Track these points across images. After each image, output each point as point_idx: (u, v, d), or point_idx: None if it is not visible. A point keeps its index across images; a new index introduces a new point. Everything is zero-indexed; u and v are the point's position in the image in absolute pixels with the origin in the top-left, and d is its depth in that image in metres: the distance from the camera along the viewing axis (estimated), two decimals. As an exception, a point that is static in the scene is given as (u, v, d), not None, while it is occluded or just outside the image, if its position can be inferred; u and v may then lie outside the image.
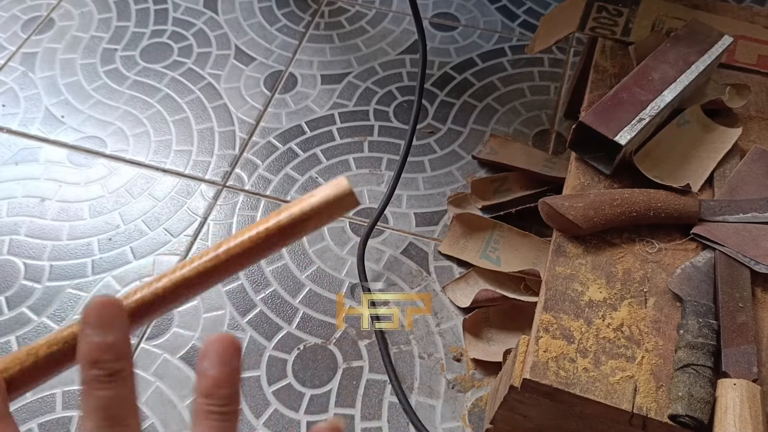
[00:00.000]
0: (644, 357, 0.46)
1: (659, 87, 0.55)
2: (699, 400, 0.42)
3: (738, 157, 0.57)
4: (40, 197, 0.82)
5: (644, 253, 0.51)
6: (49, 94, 0.92)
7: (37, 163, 0.85)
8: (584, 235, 0.52)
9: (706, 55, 0.58)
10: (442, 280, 0.74)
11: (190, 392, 0.67)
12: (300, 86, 0.93)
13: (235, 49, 0.97)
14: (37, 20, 1.01)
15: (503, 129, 0.88)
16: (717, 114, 0.60)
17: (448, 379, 0.68)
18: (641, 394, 0.45)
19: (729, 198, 0.53)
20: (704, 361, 0.44)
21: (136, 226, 0.79)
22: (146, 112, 0.91)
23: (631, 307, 0.49)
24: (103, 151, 0.86)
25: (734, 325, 0.46)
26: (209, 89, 0.93)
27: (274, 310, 0.72)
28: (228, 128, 0.89)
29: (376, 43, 0.98)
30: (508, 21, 1.01)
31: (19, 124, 0.89)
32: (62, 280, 0.75)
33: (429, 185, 0.83)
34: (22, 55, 0.96)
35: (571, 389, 0.45)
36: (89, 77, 0.94)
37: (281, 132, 0.88)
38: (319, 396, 0.66)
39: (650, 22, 0.67)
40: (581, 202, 0.52)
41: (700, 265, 0.50)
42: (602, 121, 0.53)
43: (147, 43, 0.98)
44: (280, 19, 1.02)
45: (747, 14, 0.69)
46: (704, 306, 0.47)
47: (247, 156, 0.86)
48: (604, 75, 0.63)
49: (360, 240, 0.76)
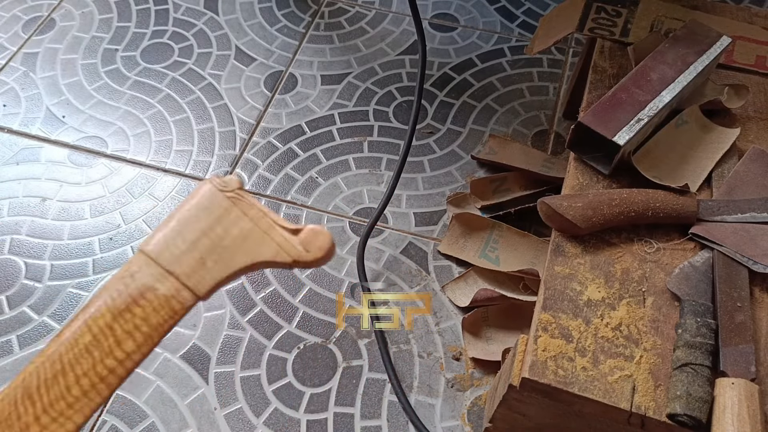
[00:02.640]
0: (642, 356, 0.46)
1: (658, 87, 0.56)
2: (697, 399, 0.42)
3: (736, 157, 0.57)
4: (41, 197, 0.82)
5: (643, 253, 0.52)
6: (50, 94, 0.92)
7: (38, 162, 0.85)
8: (583, 235, 0.53)
9: (704, 56, 0.58)
10: (442, 280, 0.75)
11: (190, 391, 0.67)
12: (300, 87, 0.93)
13: (235, 50, 0.98)
14: (38, 20, 1.01)
15: (502, 129, 0.88)
16: (715, 114, 0.60)
17: (447, 378, 0.68)
18: (640, 393, 0.45)
19: (727, 198, 0.54)
20: (702, 360, 0.44)
21: (137, 225, 0.80)
22: (147, 112, 0.91)
23: (630, 306, 0.49)
24: (104, 151, 0.87)
25: (732, 325, 0.46)
26: (210, 89, 0.93)
27: (274, 309, 0.73)
28: (228, 128, 0.89)
29: (376, 43, 0.99)
30: (507, 22, 1.02)
31: (20, 124, 0.89)
32: (63, 280, 0.75)
33: (428, 185, 0.83)
34: (23, 55, 0.97)
35: (570, 388, 0.45)
36: (90, 77, 0.94)
37: (281, 132, 0.89)
38: (319, 395, 0.67)
39: (649, 22, 0.68)
40: (580, 202, 0.52)
41: (698, 264, 0.50)
42: (601, 121, 0.54)
43: (148, 43, 0.98)
44: (281, 20, 1.02)
45: (745, 15, 0.69)
46: (702, 305, 0.47)
47: (247, 156, 0.86)
48: (603, 75, 0.64)
49: (360, 240, 0.76)
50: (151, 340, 0.25)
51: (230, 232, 0.27)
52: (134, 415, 0.65)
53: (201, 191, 0.29)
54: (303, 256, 0.27)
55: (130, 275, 0.26)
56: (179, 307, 0.26)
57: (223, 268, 0.27)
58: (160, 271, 0.26)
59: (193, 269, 0.26)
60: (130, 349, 0.25)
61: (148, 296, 0.26)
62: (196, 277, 0.26)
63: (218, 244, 0.27)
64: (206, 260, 0.26)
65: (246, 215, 0.27)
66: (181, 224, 0.27)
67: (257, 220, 0.27)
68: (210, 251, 0.27)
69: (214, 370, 0.68)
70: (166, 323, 0.26)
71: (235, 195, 0.28)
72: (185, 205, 0.28)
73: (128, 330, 0.25)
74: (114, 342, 0.25)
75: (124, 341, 0.25)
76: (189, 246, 0.27)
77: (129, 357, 0.25)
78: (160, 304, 0.26)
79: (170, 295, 0.26)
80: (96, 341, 0.25)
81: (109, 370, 0.25)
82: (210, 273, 0.26)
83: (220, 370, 0.68)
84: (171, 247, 0.27)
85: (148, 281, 0.26)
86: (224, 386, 0.67)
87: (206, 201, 0.28)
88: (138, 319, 0.25)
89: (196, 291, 0.26)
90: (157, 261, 0.26)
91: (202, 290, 0.26)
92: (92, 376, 0.24)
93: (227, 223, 0.27)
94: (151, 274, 0.26)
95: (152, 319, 0.25)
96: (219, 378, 0.68)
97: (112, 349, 0.25)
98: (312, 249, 0.27)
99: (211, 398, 0.66)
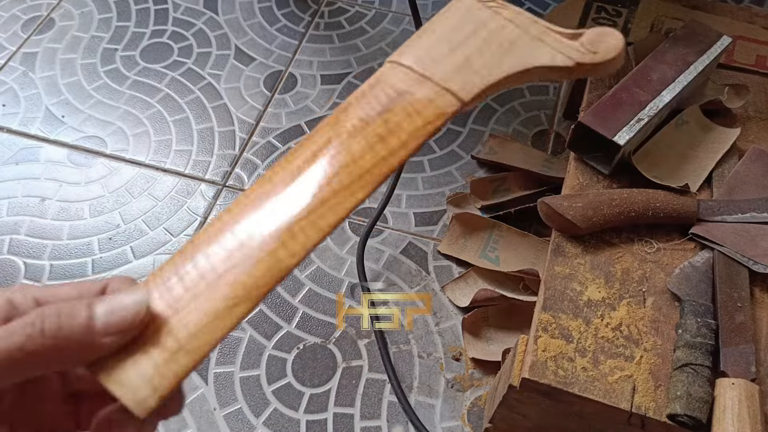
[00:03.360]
0: (643, 356, 0.46)
1: (658, 87, 0.56)
2: (697, 399, 0.42)
3: (736, 157, 0.57)
4: (40, 197, 0.82)
5: (643, 253, 0.52)
6: (49, 94, 0.92)
7: (37, 162, 0.85)
8: (583, 235, 0.52)
9: (704, 56, 0.58)
10: (442, 280, 0.75)
11: (190, 390, 0.67)
12: (300, 86, 0.93)
13: (235, 50, 0.97)
14: (37, 20, 1.01)
15: (502, 129, 0.88)
16: (716, 114, 0.60)
17: (447, 379, 0.68)
18: (640, 393, 0.45)
19: (727, 198, 0.53)
20: (703, 360, 0.44)
21: (137, 225, 0.80)
22: (146, 112, 0.91)
23: (630, 306, 0.49)
24: (104, 151, 0.87)
25: (732, 325, 0.46)
26: (209, 89, 0.93)
27: (274, 309, 0.73)
28: (228, 128, 0.89)
29: (376, 43, 0.99)
30: (508, 21, 1.01)
31: (20, 124, 0.89)
32: (62, 280, 0.75)
33: (428, 185, 0.83)
34: (23, 54, 0.96)
35: (570, 389, 0.45)
36: (89, 77, 0.94)
37: (281, 132, 0.88)
38: (319, 395, 0.67)
39: (649, 22, 0.68)
40: (580, 202, 0.52)
41: (698, 264, 0.50)
42: (601, 121, 0.53)
43: (147, 43, 0.98)
44: (280, 20, 1.02)
45: (746, 15, 0.69)
46: (703, 306, 0.47)
47: (247, 156, 0.86)
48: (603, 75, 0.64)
49: (359, 240, 0.76)
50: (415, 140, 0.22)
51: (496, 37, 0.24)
52: (133, 416, 0.65)
53: (456, 4, 0.25)
54: (589, 58, 0.23)
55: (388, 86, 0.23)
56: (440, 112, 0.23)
57: (491, 71, 0.23)
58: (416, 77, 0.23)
59: (458, 70, 0.23)
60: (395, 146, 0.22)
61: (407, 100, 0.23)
62: (459, 80, 0.23)
63: (483, 47, 0.23)
64: (472, 61, 0.23)
65: (512, 22, 0.24)
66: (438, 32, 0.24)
67: (527, 26, 0.24)
68: (476, 53, 0.23)
69: (213, 371, 0.68)
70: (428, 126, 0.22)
71: (497, 4, 0.25)
72: (439, 17, 0.25)
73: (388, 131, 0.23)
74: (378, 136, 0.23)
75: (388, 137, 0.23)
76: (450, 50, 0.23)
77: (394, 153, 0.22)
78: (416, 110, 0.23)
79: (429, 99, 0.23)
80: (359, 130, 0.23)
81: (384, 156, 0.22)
82: (478, 75, 0.23)
83: (220, 371, 0.68)
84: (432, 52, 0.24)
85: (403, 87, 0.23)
86: (224, 386, 0.67)
87: (463, 11, 0.24)
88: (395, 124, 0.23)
89: (459, 95, 0.23)
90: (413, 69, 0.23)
91: (468, 95, 0.23)
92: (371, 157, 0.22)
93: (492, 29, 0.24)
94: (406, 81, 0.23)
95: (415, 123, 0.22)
96: (218, 378, 0.68)
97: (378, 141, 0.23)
98: (600, 50, 0.23)
99: (210, 398, 0.66)
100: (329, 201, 0.22)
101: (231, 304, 0.21)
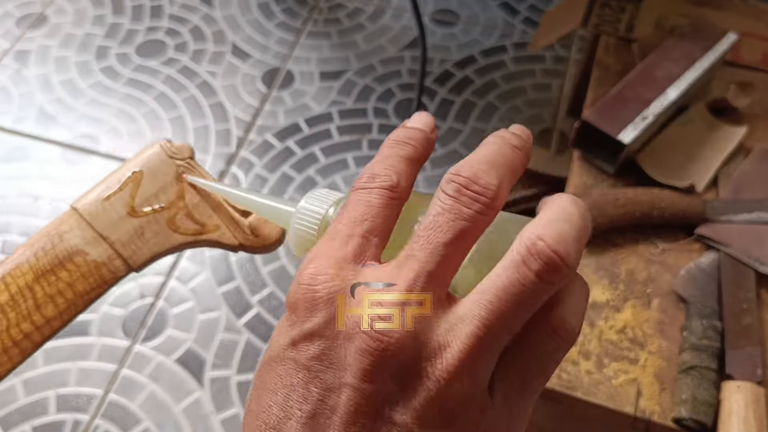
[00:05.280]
0: (648, 359, 0.45)
1: (663, 85, 0.55)
2: (703, 403, 0.42)
3: (743, 156, 0.56)
4: (33, 196, 0.81)
5: (648, 254, 0.51)
6: (42, 92, 0.91)
7: (30, 161, 0.84)
8: (587, 236, 0.52)
9: (710, 53, 0.57)
10: (442, 281, 0.74)
11: (185, 394, 0.66)
12: (297, 83, 0.92)
13: (231, 46, 0.96)
14: (31, 17, 0.99)
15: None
16: (722, 112, 0.59)
17: (447, 381, 0.67)
18: (645, 397, 0.44)
19: (734, 198, 0.53)
20: (708, 363, 0.43)
21: (131, 225, 0.78)
22: (141, 110, 0.89)
23: (635, 308, 0.48)
24: (98, 150, 0.85)
25: (739, 327, 0.45)
26: (205, 87, 0.92)
27: (271, 311, 0.72)
28: (224, 126, 0.88)
29: (375, 39, 0.97)
30: (510, 17, 1.00)
31: (13, 122, 0.88)
32: (56, 280, 0.74)
33: (429, 184, 0.82)
34: (16, 52, 0.95)
35: (574, 392, 0.44)
36: (83, 75, 0.93)
37: (278, 130, 0.87)
38: (317, 398, 0.66)
39: (654, 18, 0.67)
40: (584, 202, 0.51)
41: (704, 266, 0.49)
42: (605, 119, 0.52)
43: (142, 39, 0.97)
44: (277, 16, 1.01)
45: (752, 12, 0.68)
46: (708, 307, 0.46)
47: (243, 154, 0.85)
48: (608, 72, 0.63)
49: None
50: (75, 308, 0.23)
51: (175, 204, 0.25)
52: (128, 420, 0.64)
53: (149, 153, 0.26)
54: (250, 241, 0.25)
55: (58, 235, 0.24)
56: (110, 277, 0.24)
57: (162, 241, 0.24)
58: (94, 235, 0.24)
59: (130, 238, 0.24)
60: (50, 315, 0.23)
61: (77, 260, 0.23)
62: (132, 248, 0.24)
63: (160, 214, 0.25)
64: (145, 231, 0.24)
65: (194, 188, 0.25)
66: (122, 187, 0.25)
67: (207, 195, 0.25)
68: (150, 222, 0.25)
69: (209, 374, 0.67)
70: (93, 292, 0.23)
71: (186, 165, 0.26)
72: (129, 164, 0.26)
73: (50, 294, 0.23)
74: (33, 305, 0.23)
75: (44, 305, 0.23)
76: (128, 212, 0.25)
77: (48, 323, 0.23)
78: (89, 270, 0.23)
79: (101, 262, 0.24)
80: (13, 301, 0.23)
81: (25, 335, 0.22)
82: (147, 245, 0.24)
83: (216, 374, 0.67)
84: (108, 211, 0.24)
85: (79, 244, 0.24)
86: (220, 390, 0.66)
87: (154, 165, 0.25)
88: (63, 283, 0.23)
89: (130, 262, 0.24)
90: (91, 223, 0.24)
91: (137, 262, 0.24)
92: (5, 339, 0.22)
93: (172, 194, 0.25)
94: (83, 237, 0.24)
95: (78, 286, 0.23)
96: (214, 382, 0.67)
97: (30, 313, 0.23)
98: (261, 234, 0.25)
99: (206, 403, 0.65)
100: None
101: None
